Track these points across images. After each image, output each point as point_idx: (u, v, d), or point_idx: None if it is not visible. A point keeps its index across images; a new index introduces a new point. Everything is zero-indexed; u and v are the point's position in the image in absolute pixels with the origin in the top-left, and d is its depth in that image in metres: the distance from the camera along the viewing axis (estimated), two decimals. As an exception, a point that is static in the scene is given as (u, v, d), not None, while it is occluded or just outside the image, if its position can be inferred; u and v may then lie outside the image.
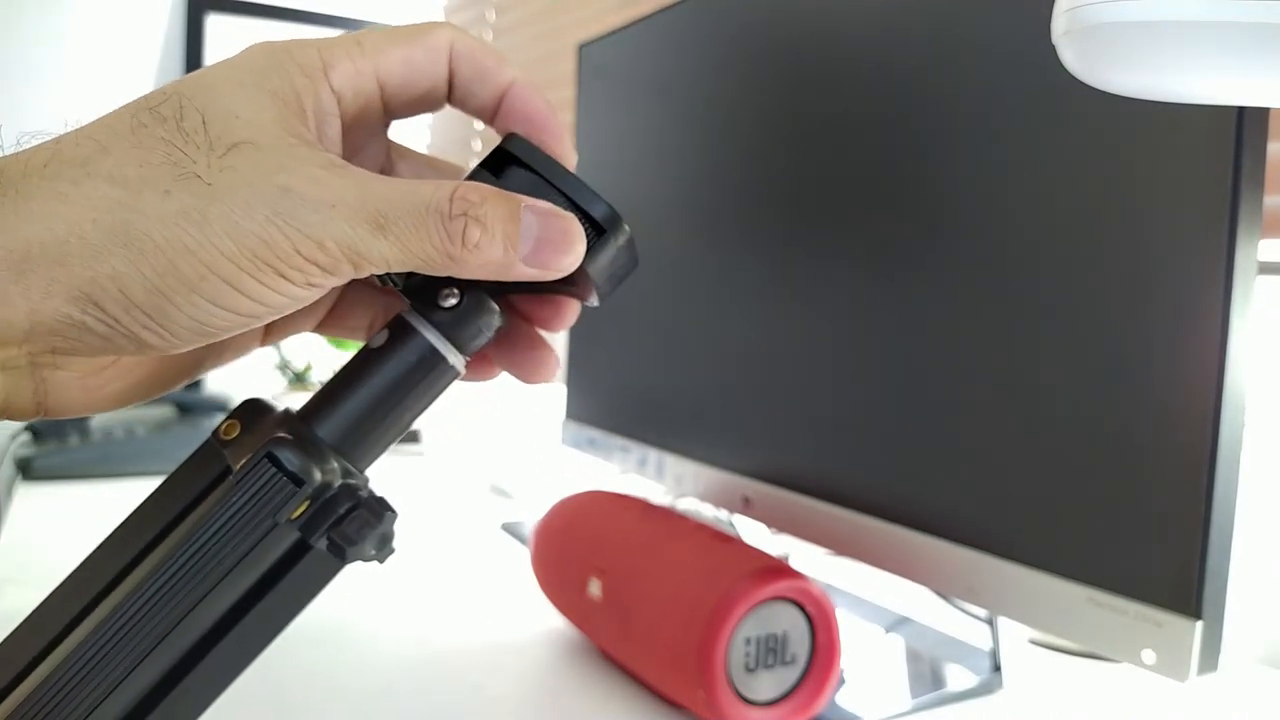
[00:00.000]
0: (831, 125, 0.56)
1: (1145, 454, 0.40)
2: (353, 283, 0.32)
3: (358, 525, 0.26)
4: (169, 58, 1.61)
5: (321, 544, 0.26)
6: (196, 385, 1.31)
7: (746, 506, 0.62)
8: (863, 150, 0.54)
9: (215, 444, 0.28)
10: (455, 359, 0.29)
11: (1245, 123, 0.36)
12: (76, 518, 0.82)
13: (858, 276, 0.54)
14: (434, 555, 0.75)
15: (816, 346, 0.57)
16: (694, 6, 0.68)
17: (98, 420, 1.05)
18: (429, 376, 0.29)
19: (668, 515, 0.54)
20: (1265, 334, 0.62)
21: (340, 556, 0.27)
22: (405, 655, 0.56)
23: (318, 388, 0.32)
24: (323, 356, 1.17)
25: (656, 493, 0.83)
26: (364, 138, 0.31)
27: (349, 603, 0.63)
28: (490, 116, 0.32)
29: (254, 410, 0.28)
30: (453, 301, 0.28)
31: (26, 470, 0.95)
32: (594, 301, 0.32)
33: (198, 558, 0.25)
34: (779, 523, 0.59)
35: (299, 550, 0.26)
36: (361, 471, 0.28)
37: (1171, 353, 0.39)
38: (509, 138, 0.30)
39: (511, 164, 0.29)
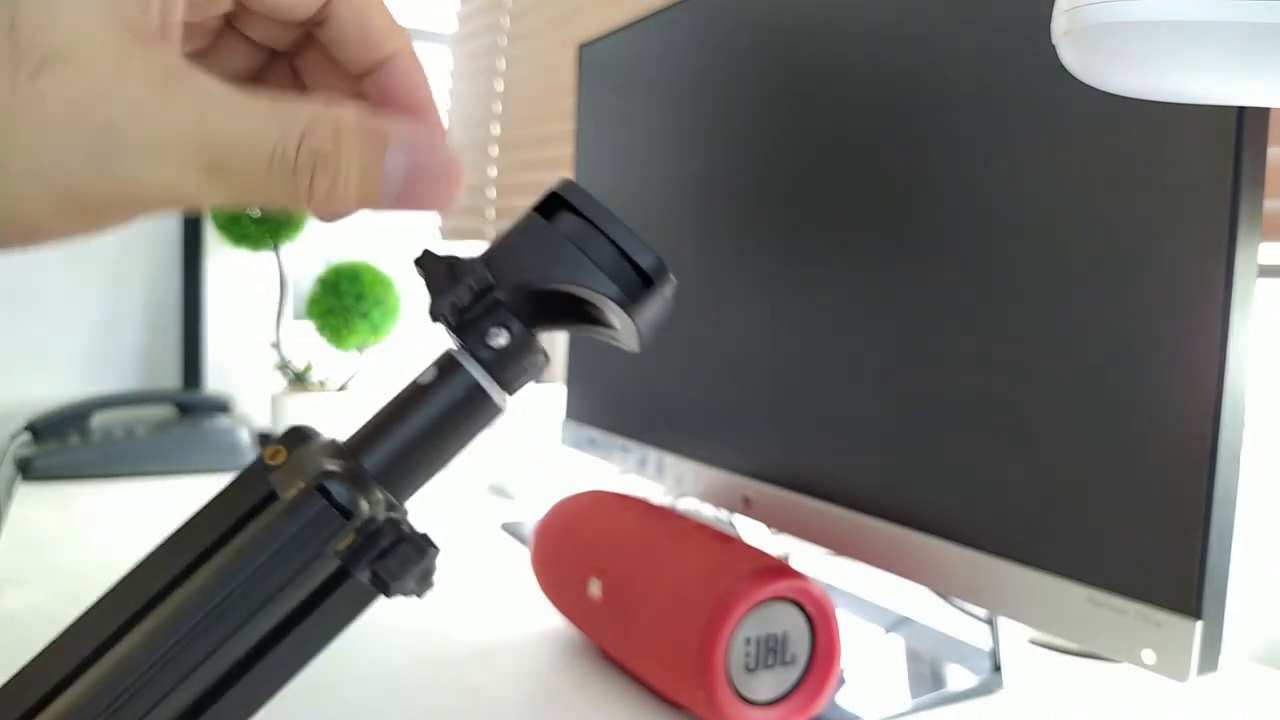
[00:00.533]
0: (831, 125, 0.56)
1: (1145, 454, 0.40)
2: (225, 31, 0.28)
3: (401, 560, 0.27)
4: (169, 58, 1.61)
5: (364, 575, 0.27)
6: (197, 385, 1.31)
7: (746, 506, 0.62)
8: (862, 150, 0.54)
9: (261, 469, 0.28)
10: (500, 398, 0.29)
11: (1245, 123, 0.36)
12: (76, 518, 0.82)
13: (858, 276, 0.54)
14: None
15: (816, 346, 0.57)
16: (694, 6, 0.68)
17: (98, 420, 1.05)
18: (475, 415, 0.29)
19: (668, 515, 0.54)
20: (1265, 336, 0.62)
21: (383, 590, 0.27)
22: (405, 655, 0.56)
23: (318, 388, 0.32)
24: (323, 357, 1.18)
25: (656, 493, 0.83)
26: (215, 33, 0.27)
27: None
28: (359, 75, 0.28)
29: (299, 437, 0.28)
30: (502, 341, 0.29)
31: (26, 470, 0.95)
32: (634, 347, 0.32)
33: (244, 582, 0.25)
34: (779, 523, 0.59)
35: (339, 578, 0.27)
36: (402, 504, 0.29)
37: (1172, 353, 0.39)
38: (563, 183, 0.30)
39: (563, 209, 0.29)
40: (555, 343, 1.17)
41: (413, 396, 0.29)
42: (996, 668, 0.54)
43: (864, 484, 0.53)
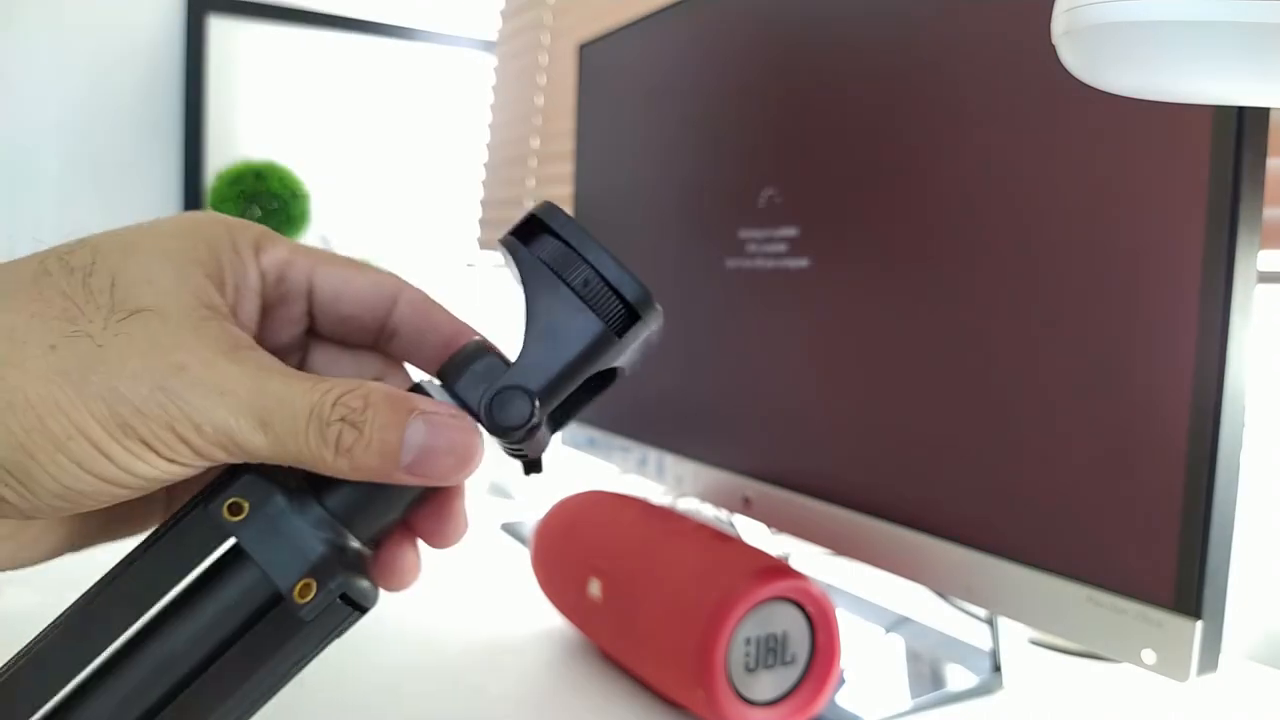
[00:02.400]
0: (831, 125, 0.56)
1: (1145, 454, 0.40)
2: (329, 353, 0.32)
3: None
4: (169, 58, 1.61)
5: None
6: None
7: (746, 506, 0.62)
8: (862, 150, 0.54)
9: (220, 522, 0.25)
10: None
11: (1245, 123, 0.36)
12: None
13: (857, 277, 0.54)
14: (434, 555, 0.75)
15: (817, 347, 0.57)
16: (694, 6, 0.68)
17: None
18: None
19: (668, 515, 0.54)
20: (1265, 338, 0.62)
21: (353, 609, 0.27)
22: (405, 655, 0.56)
23: None
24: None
25: (656, 493, 0.83)
26: (284, 331, 0.30)
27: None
28: (436, 367, 0.31)
29: (258, 489, 0.26)
30: (477, 368, 0.27)
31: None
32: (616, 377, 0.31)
33: (263, 683, 0.25)
34: (779, 523, 0.59)
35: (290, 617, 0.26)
36: (369, 539, 0.28)
37: (1172, 354, 0.39)
38: (543, 205, 0.29)
39: (542, 232, 0.28)
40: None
41: None
42: (996, 668, 0.54)
43: (864, 484, 0.53)
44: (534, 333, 0.27)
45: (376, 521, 0.28)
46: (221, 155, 1.60)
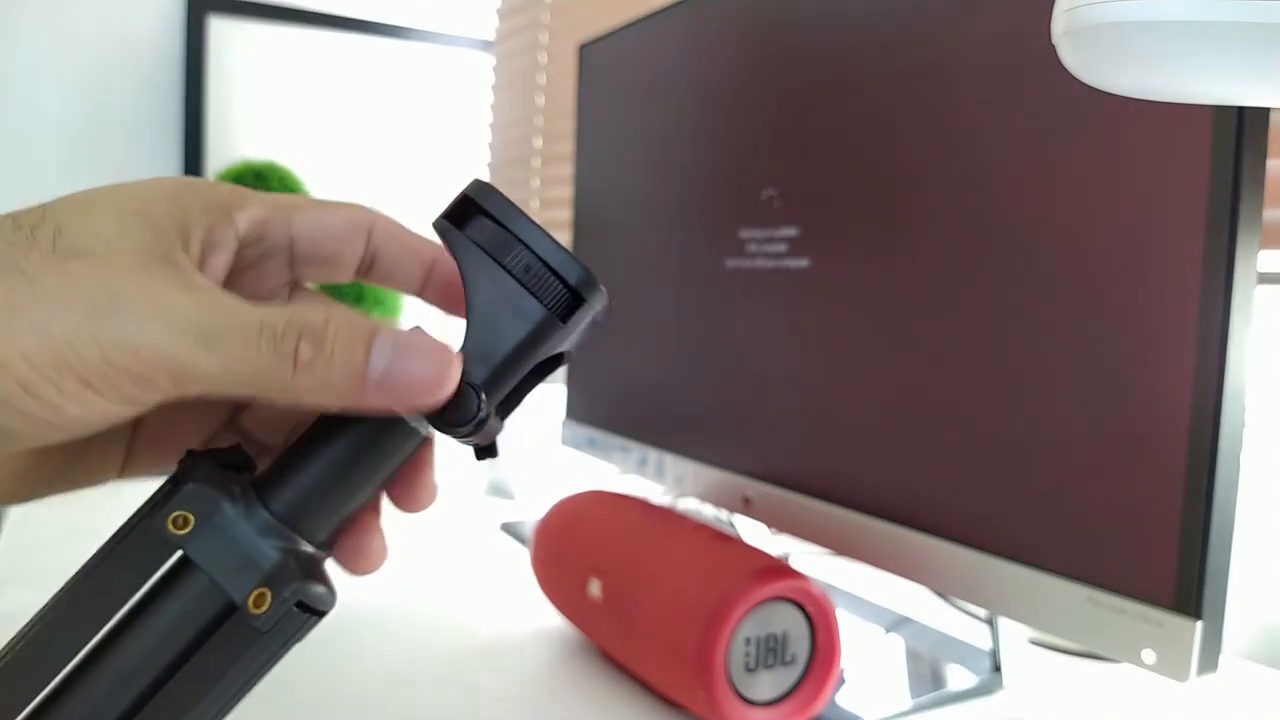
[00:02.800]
0: (831, 125, 0.56)
1: (1145, 454, 0.40)
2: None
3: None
4: (169, 58, 1.61)
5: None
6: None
7: (746, 506, 0.62)
8: (862, 150, 0.54)
9: (166, 536, 0.24)
10: (417, 422, 0.26)
11: (1245, 123, 0.36)
12: (77, 518, 0.82)
13: (857, 277, 0.54)
14: (434, 555, 0.75)
15: (817, 346, 0.57)
16: (694, 6, 0.68)
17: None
18: (388, 443, 0.26)
19: (668, 515, 0.54)
20: (1265, 338, 0.62)
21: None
22: (405, 655, 0.56)
23: None
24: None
25: (656, 493, 0.83)
26: (263, 285, 0.29)
27: (349, 603, 0.63)
28: (419, 289, 0.31)
29: (202, 499, 0.24)
30: None
31: (27, 470, 0.95)
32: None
33: (212, 688, 0.24)
34: (779, 523, 0.59)
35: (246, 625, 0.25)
36: (322, 542, 0.27)
37: (1171, 354, 0.39)
38: (474, 183, 0.27)
39: (476, 214, 0.27)
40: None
41: (321, 429, 0.26)
42: (996, 668, 0.54)
43: (864, 484, 0.53)
44: (475, 321, 0.26)
45: (326, 522, 0.26)
46: (221, 155, 1.60)
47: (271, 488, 0.25)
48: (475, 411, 0.25)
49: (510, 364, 0.27)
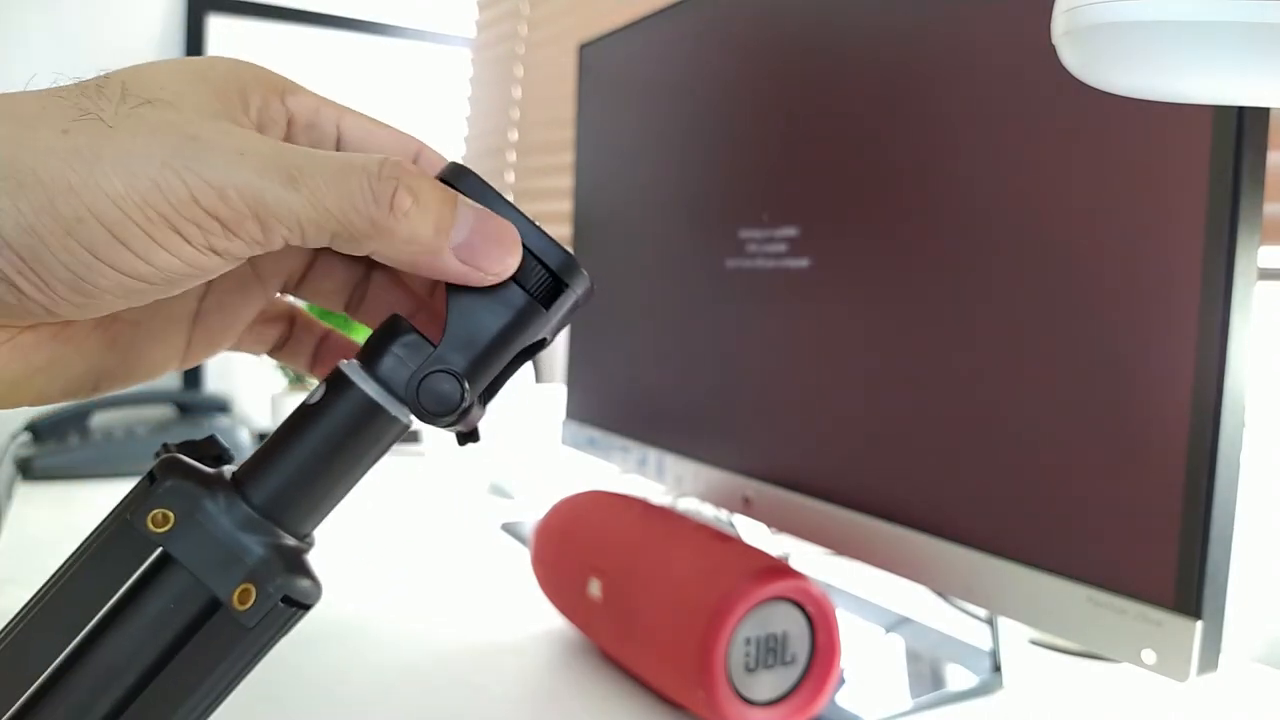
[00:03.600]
0: (831, 125, 0.56)
1: (1146, 454, 0.40)
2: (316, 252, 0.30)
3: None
4: (169, 57, 1.61)
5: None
6: (196, 385, 1.31)
7: (746, 506, 0.62)
8: (862, 150, 0.54)
9: (146, 534, 0.24)
10: (399, 411, 0.26)
11: (1245, 123, 0.36)
12: (76, 518, 0.82)
13: (857, 277, 0.54)
14: (434, 555, 0.75)
15: (816, 347, 0.57)
16: (694, 6, 0.68)
17: (98, 420, 1.05)
18: (370, 433, 0.26)
19: (668, 515, 0.54)
20: (1265, 337, 0.62)
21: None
22: (405, 655, 0.56)
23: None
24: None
25: (656, 493, 0.83)
26: None
27: (349, 603, 0.63)
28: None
29: (182, 495, 0.24)
30: (397, 349, 0.26)
31: (26, 470, 0.95)
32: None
33: (199, 685, 0.24)
34: (779, 523, 0.59)
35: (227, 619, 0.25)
36: (305, 534, 0.26)
37: (1171, 354, 0.39)
38: (450, 166, 0.27)
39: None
40: (556, 343, 1.17)
41: (301, 419, 0.26)
42: (996, 668, 0.54)
43: (864, 484, 0.53)
44: (455, 307, 0.26)
45: (309, 515, 0.26)
46: (221, 155, 1.60)
47: (252, 481, 0.25)
48: (459, 401, 0.25)
49: (493, 351, 0.26)
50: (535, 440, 0.97)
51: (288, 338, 0.34)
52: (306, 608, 0.25)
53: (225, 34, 1.63)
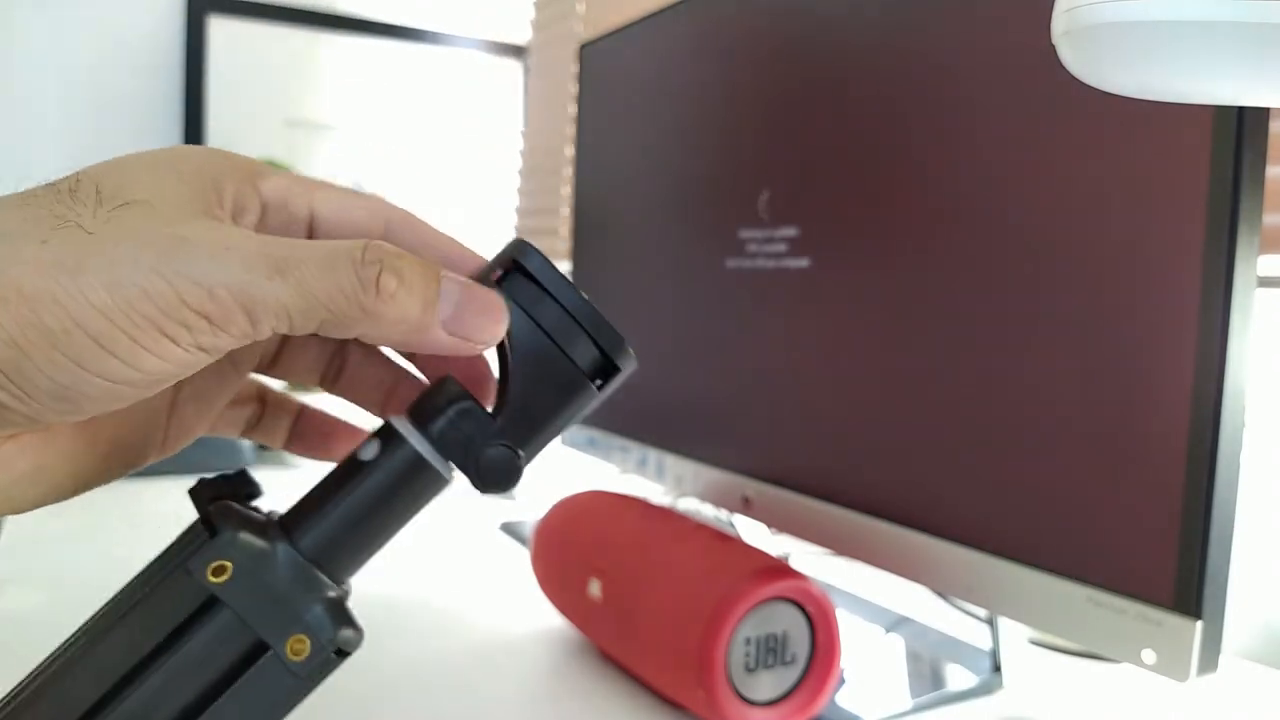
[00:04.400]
0: (831, 125, 0.56)
1: (1146, 454, 0.40)
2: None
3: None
4: (169, 58, 1.61)
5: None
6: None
7: (746, 506, 0.62)
8: (862, 150, 0.54)
9: (205, 584, 0.24)
10: (446, 470, 0.27)
11: (1245, 123, 0.36)
12: (77, 518, 0.82)
13: (857, 277, 0.54)
14: (434, 555, 0.75)
15: (816, 347, 0.57)
16: (694, 6, 0.68)
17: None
18: (418, 489, 0.27)
19: (668, 515, 0.54)
20: (1265, 338, 0.62)
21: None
22: (405, 655, 0.56)
23: (319, 388, 0.31)
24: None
25: (656, 493, 0.83)
26: None
27: (349, 603, 0.63)
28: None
29: (239, 546, 0.25)
30: (450, 412, 0.26)
31: (27, 470, 0.94)
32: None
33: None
34: (779, 523, 0.59)
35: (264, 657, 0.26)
36: (342, 583, 0.27)
37: (1172, 354, 0.39)
38: (517, 243, 0.27)
39: (518, 273, 0.27)
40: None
41: (354, 472, 0.27)
42: (996, 668, 0.54)
43: (864, 484, 0.53)
44: (515, 382, 0.27)
45: (352, 564, 0.27)
46: (221, 155, 1.60)
47: (303, 530, 0.26)
48: (518, 476, 0.27)
49: (549, 429, 0.28)
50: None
51: (260, 417, 0.34)
52: (348, 654, 0.26)
53: (225, 34, 1.63)
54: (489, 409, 0.27)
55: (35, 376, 0.21)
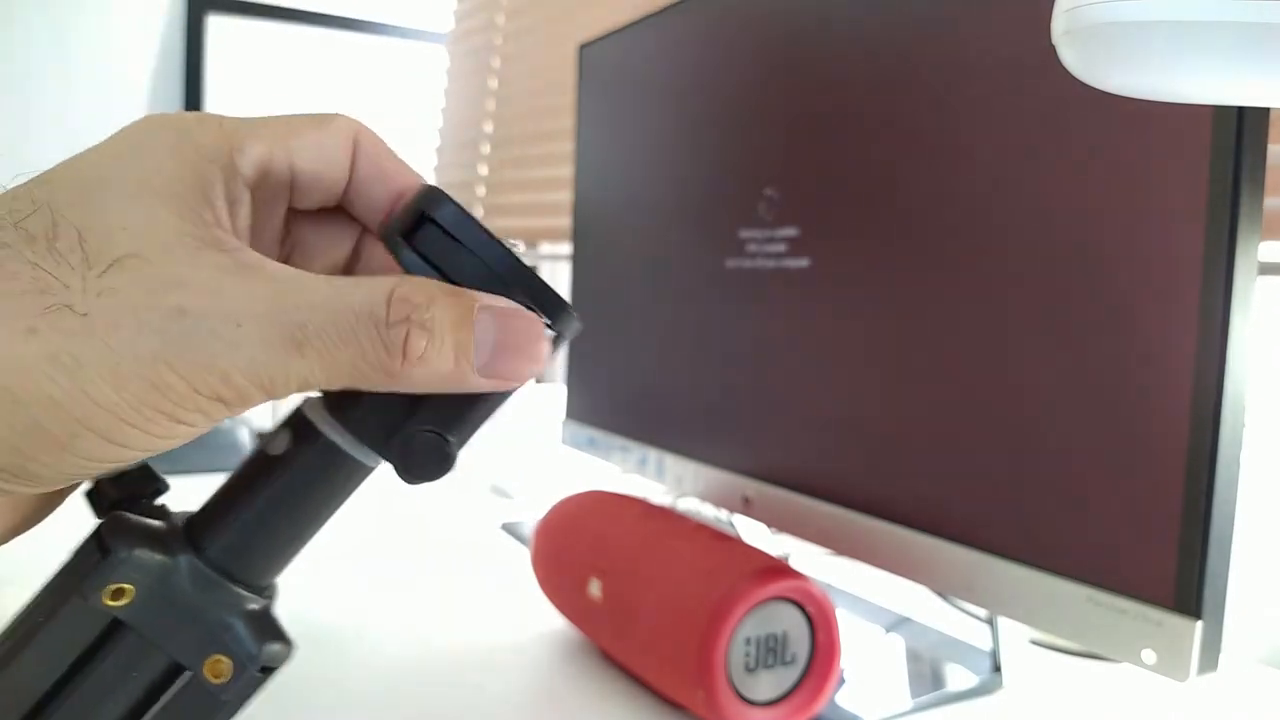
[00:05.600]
0: (831, 125, 0.56)
1: (1145, 454, 0.40)
2: (308, 225, 0.27)
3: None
4: (169, 58, 1.61)
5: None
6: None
7: (746, 506, 0.62)
8: (862, 150, 0.54)
9: (105, 610, 0.22)
10: (367, 457, 0.24)
11: (1245, 123, 0.36)
12: (76, 518, 0.82)
13: (857, 277, 0.54)
14: (434, 555, 0.75)
15: (816, 347, 0.57)
16: (694, 6, 0.68)
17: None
18: (336, 480, 0.24)
19: (668, 515, 0.54)
20: (1265, 334, 0.62)
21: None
22: (405, 655, 0.56)
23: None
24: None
25: (656, 493, 0.83)
26: (269, 224, 0.26)
27: (349, 603, 0.63)
28: (381, 222, 0.28)
29: (138, 566, 0.22)
30: (362, 396, 0.23)
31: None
32: None
33: None
34: (779, 523, 0.59)
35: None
36: (265, 587, 0.25)
37: (1172, 354, 0.39)
38: (426, 190, 0.24)
39: (428, 227, 0.23)
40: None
41: (264, 469, 0.24)
42: (996, 668, 0.54)
43: (864, 484, 0.53)
44: None
45: (270, 568, 0.25)
46: (221, 155, 1.60)
47: (211, 537, 0.24)
48: (449, 462, 0.24)
49: (479, 409, 0.24)
50: (535, 440, 0.97)
51: None
52: (275, 669, 0.24)
53: (225, 34, 1.63)
54: None
55: (44, 473, 0.20)
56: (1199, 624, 0.37)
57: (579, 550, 0.55)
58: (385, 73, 1.76)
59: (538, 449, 0.97)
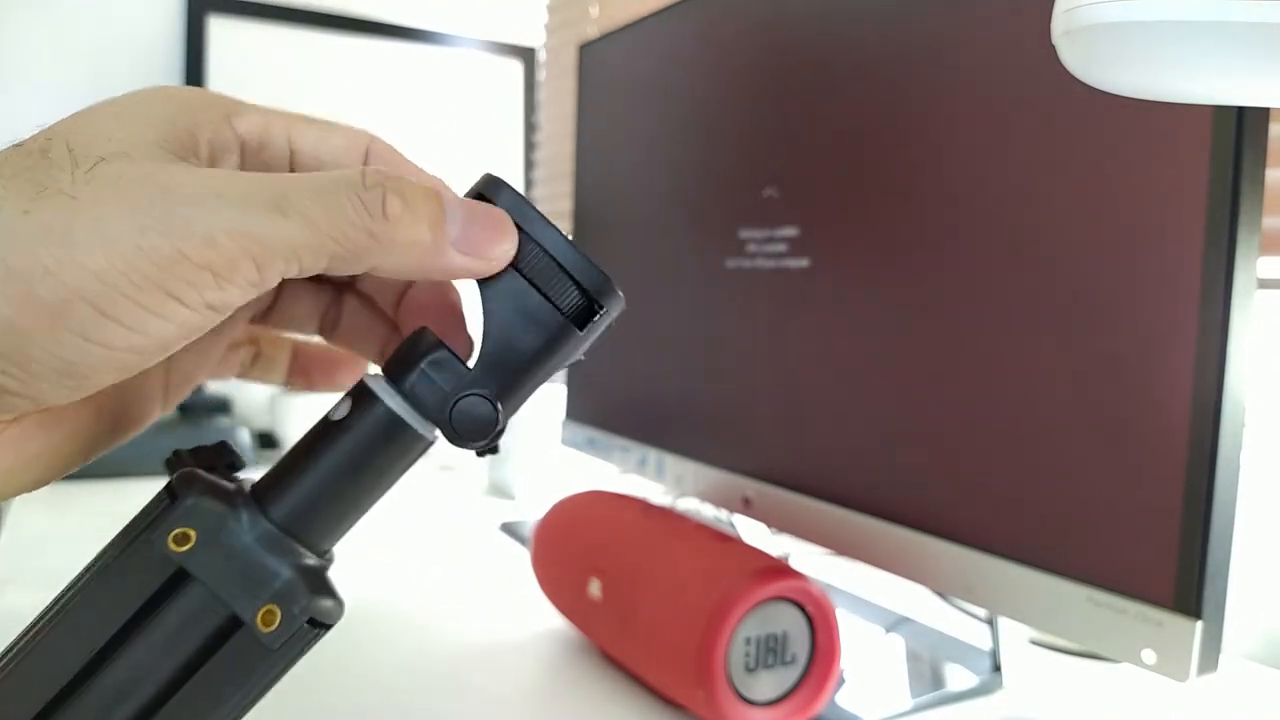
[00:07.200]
0: (831, 125, 0.56)
1: (1145, 454, 0.40)
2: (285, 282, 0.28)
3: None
4: (169, 58, 1.61)
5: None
6: (198, 386, 1.31)
7: (746, 506, 0.62)
8: (862, 150, 0.54)
9: (167, 554, 0.23)
10: (425, 428, 0.25)
11: (1245, 123, 0.36)
12: (76, 518, 0.82)
13: (857, 277, 0.54)
14: (434, 555, 0.75)
15: (816, 347, 0.57)
16: (694, 6, 0.68)
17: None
18: (395, 450, 0.25)
19: (668, 515, 0.54)
20: (1264, 339, 0.62)
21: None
22: (405, 655, 0.56)
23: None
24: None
25: (656, 493, 0.83)
26: None
27: (349, 603, 0.63)
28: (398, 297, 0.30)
29: (202, 513, 0.23)
30: (427, 368, 0.25)
31: (27, 470, 0.94)
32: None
33: (219, 705, 0.24)
34: (779, 523, 0.59)
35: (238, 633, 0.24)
36: (325, 551, 0.26)
37: (1172, 354, 0.39)
38: (486, 178, 0.26)
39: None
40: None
41: (325, 434, 0.25)
42: (996, 668, 0.54)
43: (864, 484, 0.53)
44: (490, 327, 0.25)
45: (331, 532, 0.26)
46: (221, 155, 1.60)
47: (273, 496, 0.25)
48: (495, 426, 0.25)
49: (527, 374, 0.26)
50: (535, 440, 0.97)
51: (256, 356, 0.33)
52: (329, 627, 0.25)
53: (225, 34, 1.63)
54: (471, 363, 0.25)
55: (38, 355, 0.20)
56: (1199, 624, 0.37)
57: (579, 550, 0.55)
58: (390, 77, 1.76)
59: (538, 449, 0.97)
